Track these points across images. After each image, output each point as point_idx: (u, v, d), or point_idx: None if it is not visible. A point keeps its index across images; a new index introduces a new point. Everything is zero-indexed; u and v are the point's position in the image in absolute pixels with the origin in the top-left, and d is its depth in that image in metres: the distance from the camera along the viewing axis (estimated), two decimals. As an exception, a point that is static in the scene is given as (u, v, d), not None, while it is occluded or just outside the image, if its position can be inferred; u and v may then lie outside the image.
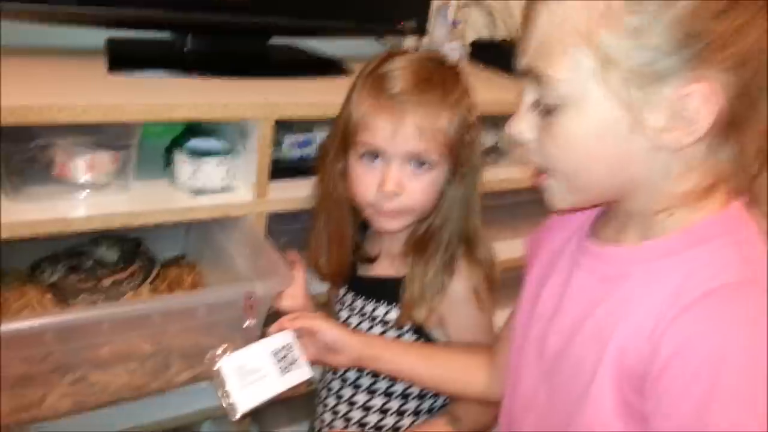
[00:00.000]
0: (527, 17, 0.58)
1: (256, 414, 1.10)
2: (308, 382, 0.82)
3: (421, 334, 0.92)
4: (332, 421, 1.00)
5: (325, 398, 1.02)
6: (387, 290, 0.92)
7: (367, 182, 0.85)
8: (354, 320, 0.96)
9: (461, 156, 0.86)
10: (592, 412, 0.61)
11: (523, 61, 0.59)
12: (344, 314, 0.98)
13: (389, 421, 0.96)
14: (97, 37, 1.09)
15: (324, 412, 1.02)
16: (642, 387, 0.56)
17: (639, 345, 0.56)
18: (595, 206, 0.67)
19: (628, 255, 0.62)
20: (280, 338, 0.80)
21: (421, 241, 0.90)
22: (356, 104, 0.85)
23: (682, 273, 0.56)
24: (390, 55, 0.86)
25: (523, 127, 0.60)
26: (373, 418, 0.96)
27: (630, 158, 0.56)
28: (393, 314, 0.92)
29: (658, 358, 0.54)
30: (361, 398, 0.96)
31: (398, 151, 0.82)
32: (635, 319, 0.57)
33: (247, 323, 0.81)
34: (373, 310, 0.94)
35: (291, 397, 0.91)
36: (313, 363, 0.85)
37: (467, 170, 0.89)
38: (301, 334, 0.84)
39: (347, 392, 0.98)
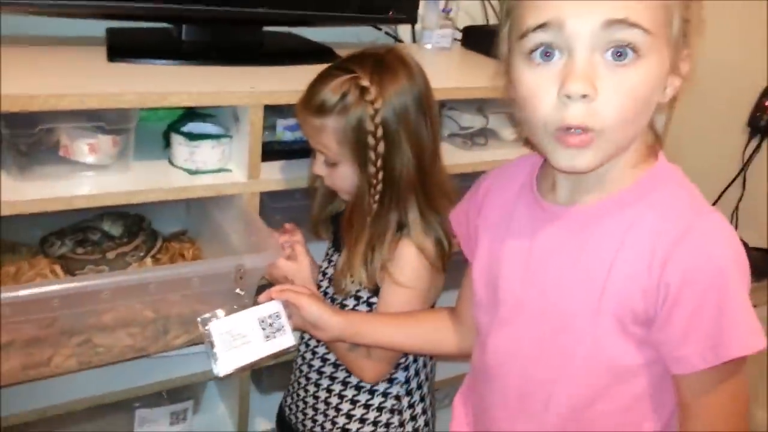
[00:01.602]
0: None
1: (256, 377, 1.19)
2: (291, 349, 0.90)
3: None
4: (301, 376, 1.11)
5: (300, 365, 1.12)
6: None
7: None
8: (329, 270, 1.05)
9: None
10: (593, 349, 0.69)
11: (599, 15, 0.58)
12: (324, 265, 1.07)
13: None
14: (98, 26, 1.17)
15: (299, 375, 1.12)
16: (648, 320, 0.65)
17: (640, 283, 0.65)
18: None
19: (597, 209, 0.69)
20: (268, 307, 0.88)
21: (348, 221, 0.96)
22: None
23: (652, 215, 0.65)
24: None
25: (594, 81, 0.58)
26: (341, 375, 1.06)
27: (652, 109, 0.64)
28: None
29: (669, 291, 0.63)
30: (328, 369, 1.06)
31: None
32: (625, 262, 0.66)
33: (237, 291, 0.88)
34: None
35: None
36: (298, 330, 0.92)
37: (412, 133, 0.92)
38: (289, 305, 0.91)
39: (317, 362, 1.08)
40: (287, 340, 0.87)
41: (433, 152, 0.96)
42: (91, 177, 0.95)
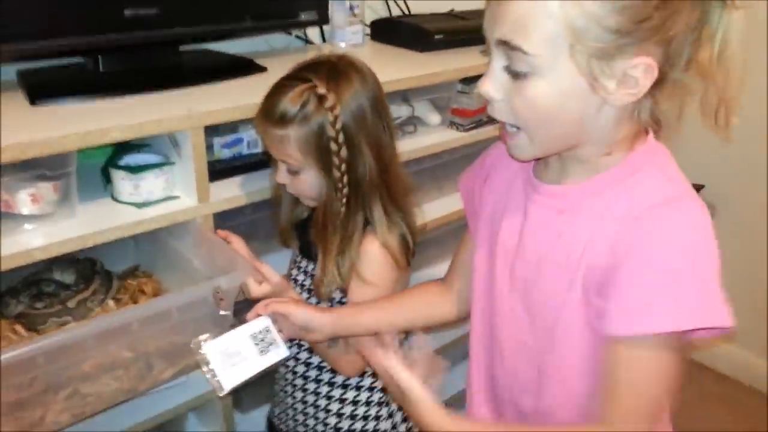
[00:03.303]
0: None
1: (236, 398, 1.19)
2: (286, 360, 0.91)
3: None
4: (287, 385, 1.13)
5: (285, 373, 1.14)
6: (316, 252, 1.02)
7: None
8: (300, 277, 1.08)
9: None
10: (566, 329, 0.74)
11: (496, 33, 0.66)
12: (294, 272, 1.10)
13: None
14: (5, 71, 1.12)
15: (285, 384, 1.14)
16: (604, 290, 0.70)
17: (602, 261, 0.70)
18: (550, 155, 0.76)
19: (580, 190, 0.75)
20: (257, 323, 0.89)
21: (319, 229, 0.98)
22: None
23: (626, 198, 0.71)
24: None
25: (493, 87, 0.69)
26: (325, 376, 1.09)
27: (584, 115, 0.69)
28: None
29: (616, 260, 0.68)
30: (312, 373, 1.09)
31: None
32: (597, 241, 0.71)
33: (222, 313, 0.89)
34: (313, 268, 1.05)
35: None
36: (292, 340, 0.94)
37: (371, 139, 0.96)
38: (277, 317, 0.92)
39: (300, 368, 1.10)
40: (281, 351, 0.89)
41: (391, 151, 1.00)
42: (39, 227, 0.92)
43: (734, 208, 1.99)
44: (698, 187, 1.95)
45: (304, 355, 1.08)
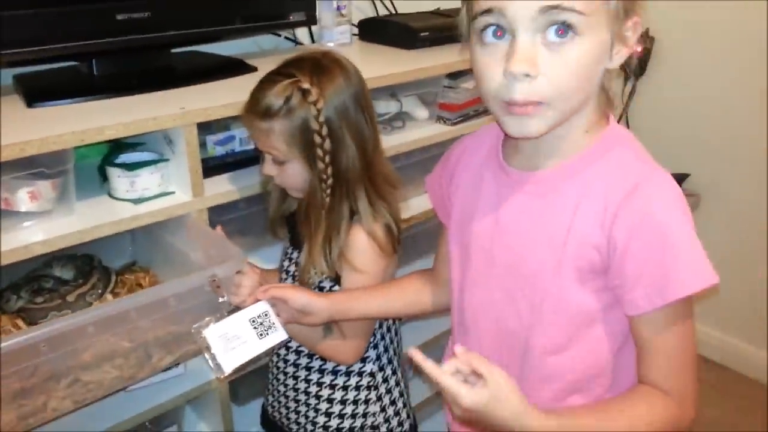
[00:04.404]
0: None
1: (232, 390, 1.22)
2: (284, 343, 0.94)
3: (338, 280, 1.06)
4: (279, 373, 1.16)
5: (277, 362, 1.17)
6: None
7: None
8: (291, 268, 1.11)
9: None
10: (558, 298, 0.77)
11: (539, 2, 0.64)
12: (285, 264, 1.13)
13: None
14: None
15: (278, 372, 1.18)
16: (604, 269, 0.74)
17: (594, 240, 0.73)
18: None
19: (557, 173, 0.77)
20: (256, 308, 0.92)
21: (305, 216, 1.02)
22: None
23: (603, 177, 0.74)
24: None
25: (529, 64, 0.66)
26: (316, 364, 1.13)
27: (596, 78, 0.72)
28: None
29: (618, 245, 0.72)
30: (303, 361, 1.13)
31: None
32: (582, 221, 0.75)
33: (220, 300, 0.93)
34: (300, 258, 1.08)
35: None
36: (289, 323, 0.97)
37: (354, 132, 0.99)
38: (275, 302, 0.95)
39: (291, 357, 1.13)
40: (279, 335, 0.92)
41: (374, 145, 1.03)
42: (38, 224, 0.95)
43: (719, 197, 2.03)
44: (683, 177, 1.99)
45: (294, 344, 1.11)
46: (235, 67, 1.28)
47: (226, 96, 1.10)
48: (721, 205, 2.02)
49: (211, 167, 1.15)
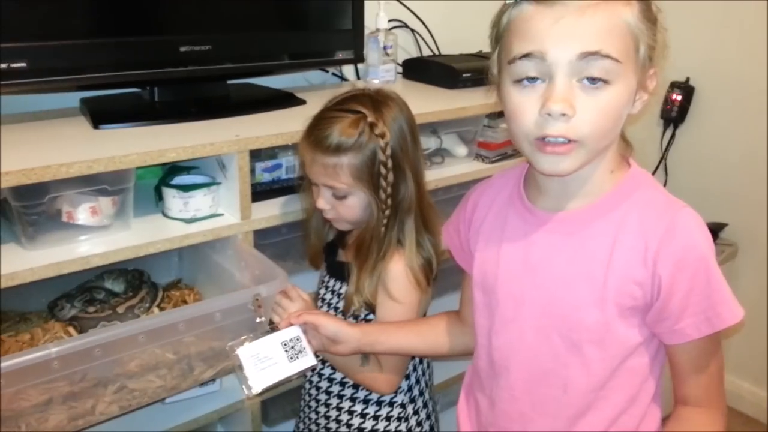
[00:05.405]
0: (564, 14, 0.68)
1: (263, 411, 1.25)
2: (313, 368, 0.97)
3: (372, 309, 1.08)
4: (311, 400, 1.18)
5: (309, 389, 1.19)
6: (347, 272, 1.08)
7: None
8: (327, 296, 1.13)
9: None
10: (602, 333, 0.79)
11: (575, 48, 0.68)
12: (322, 291, 1.15)
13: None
14: (68, 98, 1.24)
15: (309, 399, 1.19)
16: (645, 304, 0.78)
17: (636, 277, 0.77)
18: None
19: (588, 212, 0.80)
20: (289, 332, 0.96)
21: (359, 248, 1.04)
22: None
23: (636, 214, 0.77)
24: None
25: (567, 104, 0.69)
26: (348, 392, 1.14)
27: (622, 122, 0.76)
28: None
29: (663, 280, 0.75)
30: (335, 389, 1.14)
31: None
32: (622, 258, 0.77)
33: (258, 320, 0.96)
34: (340, 287, 1.11)
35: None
36: (318, 352, 1.00)
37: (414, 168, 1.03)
38: (307, 328, 0.98)
39: (324, 384, 1.15)
40: (309, 360, 0.95)
41: (423, 177, 1.07)
42: (96, 237, 1.01)
43: (756, 247, 2.00)
44: (721, 226, 1.97)
45: (327, 371, 1.14)
46: (286, 99, 1.35)
47: (276, 126, 1.16)
48: (758, 254, 2.00)
49: (258, 192, 1.21)
